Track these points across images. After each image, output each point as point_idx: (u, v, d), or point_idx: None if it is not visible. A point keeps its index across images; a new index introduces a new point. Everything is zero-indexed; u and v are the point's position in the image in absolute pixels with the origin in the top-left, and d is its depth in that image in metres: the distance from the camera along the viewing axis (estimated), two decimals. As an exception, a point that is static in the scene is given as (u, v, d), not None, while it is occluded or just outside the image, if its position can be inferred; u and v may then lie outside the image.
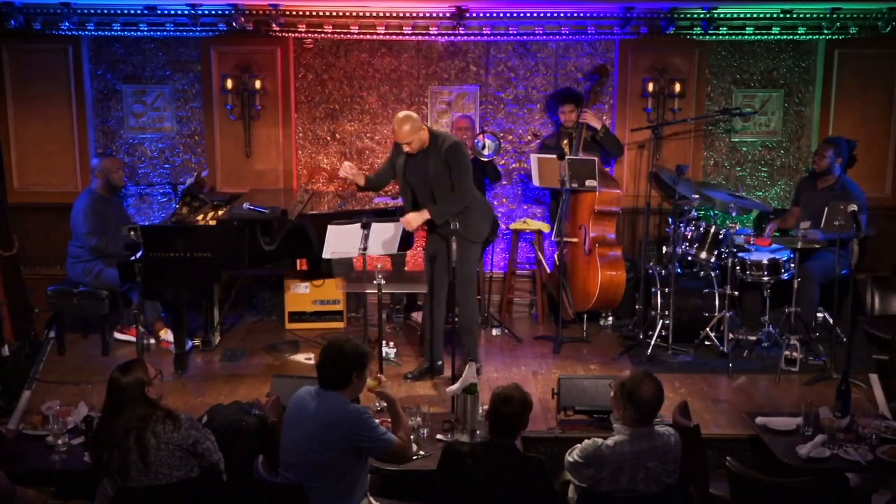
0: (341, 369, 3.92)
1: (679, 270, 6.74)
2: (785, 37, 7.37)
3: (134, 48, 7.48)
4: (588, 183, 6.59)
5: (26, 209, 7.41)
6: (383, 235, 5.74)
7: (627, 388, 3.89)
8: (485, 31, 7.36)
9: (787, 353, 6.15)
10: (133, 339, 6.44)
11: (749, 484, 3.90)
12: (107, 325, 6.56)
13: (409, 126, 5.64)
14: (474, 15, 7.19)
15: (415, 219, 5.77)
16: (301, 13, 7.19)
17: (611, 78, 7.46)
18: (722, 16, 7.19)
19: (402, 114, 5.73)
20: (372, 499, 4.02)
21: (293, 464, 3.90)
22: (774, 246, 6.61)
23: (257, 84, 7.39)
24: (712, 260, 6.61)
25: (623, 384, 3.93)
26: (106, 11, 7.15)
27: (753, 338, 6.53)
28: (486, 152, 6.88)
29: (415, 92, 7.60)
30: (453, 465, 3.80)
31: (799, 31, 7.31)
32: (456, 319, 5.89)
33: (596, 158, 6.74)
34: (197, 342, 6.63)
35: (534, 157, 6.93)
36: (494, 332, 7.09)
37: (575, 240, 6.96)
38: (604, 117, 7.35)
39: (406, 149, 5.73)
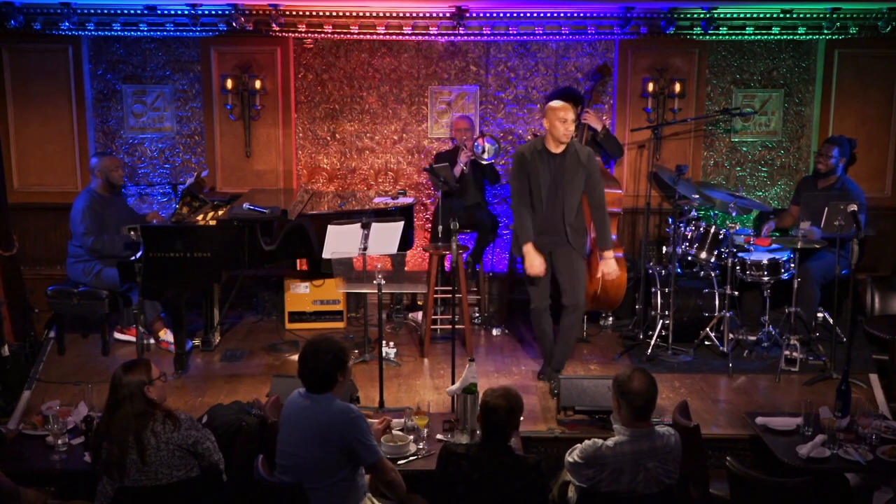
0: (325, 373, 3.88)
1: (679, 270, 6.74)
2: (785, 37, 7.37)
3: (134, 48, 7.48)
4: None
5: (26, 209, 7.41)
6: (383, 235, 5.74)
7: (619, 384, 3.91)
8: (485, 31, 7.36)
9: (787, 353, 6.14)
10: (133, 339, 6.47)
11: (749, 484, 3.90)
12: (107, 325, 6.56)
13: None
14: (474, 15, 7.19)
15: (616, 268, 5.78)
16: (301, 13, 7.19)
17: (611, 78, 7.47)
18: (722, 16, 7.19)
19: (559, 102, 5.51)
20: (372, 499, 4.02)
21: (289, 466, 3.89)
22: (774, 246, 6.61)
23: (257, 84, 7.39)
24: (712, 260, 6.60)
25: (615, 380, 3.95)
26: (106, 11, 7.16)
27: (753, 338, 6.53)
28: (486, 156, 6.88)
29: (415, 92, 7.60)
30: (450, 466, 3.80)
31: (799, 31, 7.31)
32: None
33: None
34: (197, 342, 6.63)
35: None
36: (495, 332, 7.08)
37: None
38: (604, 117, 7.35)
39: (561, 147, 5.53)
